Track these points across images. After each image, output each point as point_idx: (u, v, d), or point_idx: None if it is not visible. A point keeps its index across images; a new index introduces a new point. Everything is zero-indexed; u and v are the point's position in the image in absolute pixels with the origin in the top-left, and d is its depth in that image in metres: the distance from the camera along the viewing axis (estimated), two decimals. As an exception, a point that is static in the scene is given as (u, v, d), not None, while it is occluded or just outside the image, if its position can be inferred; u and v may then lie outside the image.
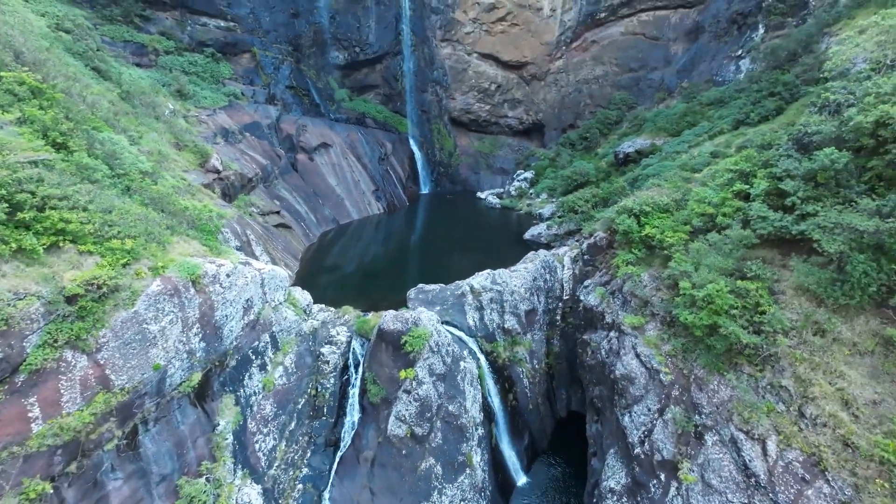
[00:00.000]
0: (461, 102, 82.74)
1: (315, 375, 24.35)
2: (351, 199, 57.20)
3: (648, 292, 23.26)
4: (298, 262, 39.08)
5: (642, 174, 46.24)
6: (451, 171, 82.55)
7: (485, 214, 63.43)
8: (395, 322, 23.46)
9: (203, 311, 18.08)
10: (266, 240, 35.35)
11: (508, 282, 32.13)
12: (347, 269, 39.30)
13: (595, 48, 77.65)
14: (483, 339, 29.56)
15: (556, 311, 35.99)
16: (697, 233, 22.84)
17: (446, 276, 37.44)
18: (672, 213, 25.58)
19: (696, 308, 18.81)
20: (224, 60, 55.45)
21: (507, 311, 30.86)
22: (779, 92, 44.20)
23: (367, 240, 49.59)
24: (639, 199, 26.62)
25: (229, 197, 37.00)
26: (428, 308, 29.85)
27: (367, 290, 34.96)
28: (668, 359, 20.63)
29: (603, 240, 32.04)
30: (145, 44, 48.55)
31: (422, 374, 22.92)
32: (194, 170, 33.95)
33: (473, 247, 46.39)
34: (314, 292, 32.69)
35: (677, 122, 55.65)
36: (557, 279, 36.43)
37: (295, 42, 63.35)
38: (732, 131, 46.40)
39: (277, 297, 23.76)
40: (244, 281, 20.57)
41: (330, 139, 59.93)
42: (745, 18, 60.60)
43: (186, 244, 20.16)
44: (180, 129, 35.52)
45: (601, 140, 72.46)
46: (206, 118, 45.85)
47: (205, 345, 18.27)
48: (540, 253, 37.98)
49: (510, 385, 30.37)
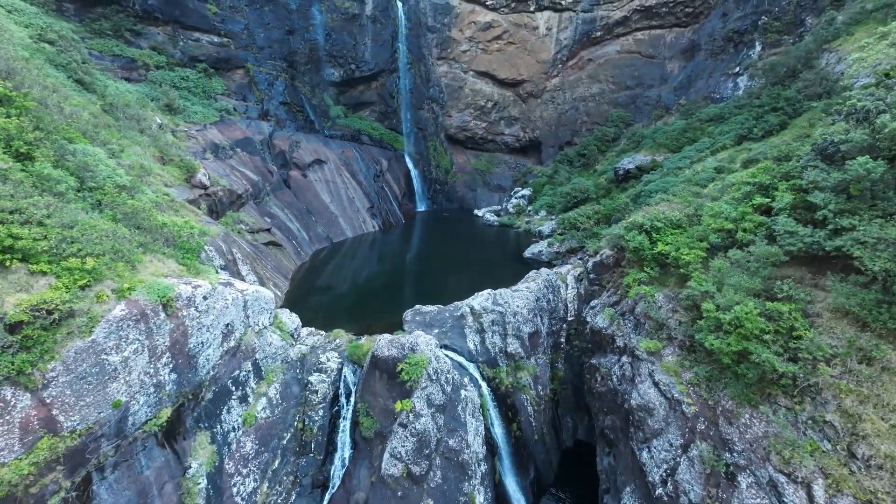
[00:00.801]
0: (457, 120, 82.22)
1: (302, 407, 22.23)
2: (345, 217, 55.58)
3: (664, 314, 21.52)
4: (289, 282, 37.13)
5: (645, 190, 45.12)
6: (447, 189, 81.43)
7: (482, 232, 61.93)
8: (390, 348, 21.52)
9: (175, 339, 16.11)
10: (254, 258, 33.48)
11: (510, 302, 30.37)
12: (340, 289, 37.37)
13: (591, 66, 77.68)
14: (485, 364, 27.56)
15: (560, 332, 34.14)
16: (715, 250, 21.27)
17: (444, 296, 35.63)
18: (685, 228, 24.07)
19: (721, 332, 17.08)
20: (217, 76, 54.38)
21: (510, 334, 28.97)
22: (781, 107, 43.52)
23: (362, 258, 47.81)
24: (649, 214, 25.12)
25: (216, 213, 35.25)
26: (425, 331, 27.94)
27: (361, 312, 33.02)
28: (691, 388, 18.77)
29: (610, 258, 30.45)
30: (135, 58, 47.40)
31: (419, 405, 20.88)
32: (179, 185, 32.27)
33: (471, 265, 44.67)
34: (304, 314, 30.74)
35: (677, 139, 54.95)
36: (561, 299, 34.73)
37: (290, 58, 62.64)
38: (735, 146, 45.57)
39: (262, 321, 21.81)
40: (224, 303, 18.66)
41: (324, 155, 58.65)
42: (742, 36, 60.65)
43: (161, 263, 18.30)
44: (166, 143, 33.96)
45: (599, 157, 71.78)
46: (196, 133, 44.41)
47: (176, 376, 16.25)
48: (542, 272, 36.31)
49: (514, 414, 28.24)
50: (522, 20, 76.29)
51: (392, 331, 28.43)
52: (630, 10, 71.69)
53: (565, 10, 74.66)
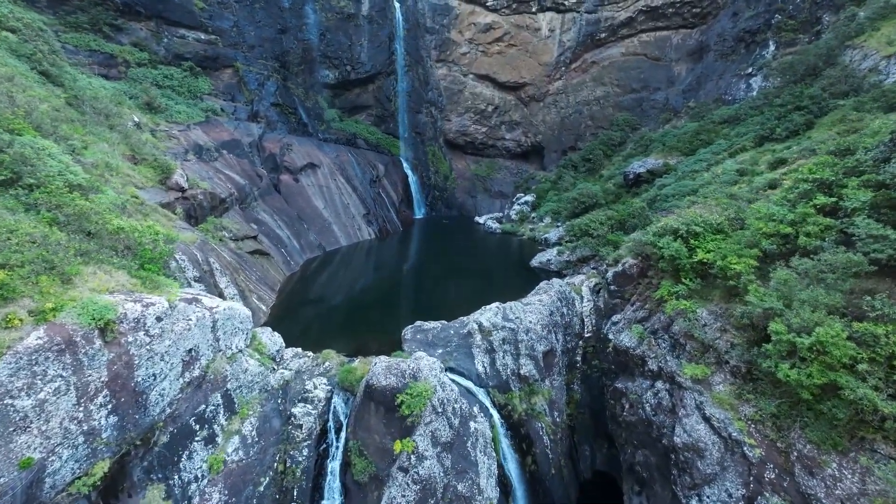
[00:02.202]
0: (457, 124, 79.43)
1: (283, 445, 18.74)
2: (339, 224, 52.30)
3: (710, 334, 18.27)
4: (276, 294, 33.71)
5: (661, 194, 42.19)
6: (446, 195, 78.37)
7: (484, 240, 58.74)
8: (388, 375, 18.13)
9: (116, 372, 12.73)
10: (236, 269, 30.10)
11: (522, 317, 27.12)
12: (333, 301, 33.98)
13: (595, 69, 75.24)
14: (495, 389, 24.18)
15: (576, 350, 30.86)
16: (770, 258, 18.12)
17: (446, 309, 32.34)
18: (727, 233, 20.94)
19: (798, 360, 13.85)
20: (203, 75, 51.31)
21: (523, 354, 25.67)
22: (805, 106, 40.87)
23: (357, 268, 44.45)
24: (684, 217, 21.98)
25: (195, 219, 31.91)
26: (428, 351, 24.58)
27: (355, 328, 29.62)
28: (753, 426, 15.47)
29: (633, 267, 27.24)
30: (114, 54, 44.27)
31: (423, 444, 17.47)
32: (152, 187, 28.96)
33: (474, 276, 41.42)
34: (291, 330, 27.36)
35: (690, 141, 52.25)
36: (576, 313, 31.52)
37: (282, 58, 59.70)
38: (756, 148, 42.81)
39: (236, 343, 18.40)
40: (185, 325, 15.28)
41: (318, 159, 55.51)
42: (753, 36, 58.29)
43: (107, 276, 14.94)
44: (139, 142, 30.70)
45: (605, 162, 69.01)
46: (178, 133, 41.19)
47: (117, 419, 12.83)
48: (554, 282, 33.13)
49: (528, 446, 24.79)
50: (524, 21, 73.93)
51: (390, 350, 25.08)
52: (635, 10, 69.44)
53: (568, 11, 72.37)
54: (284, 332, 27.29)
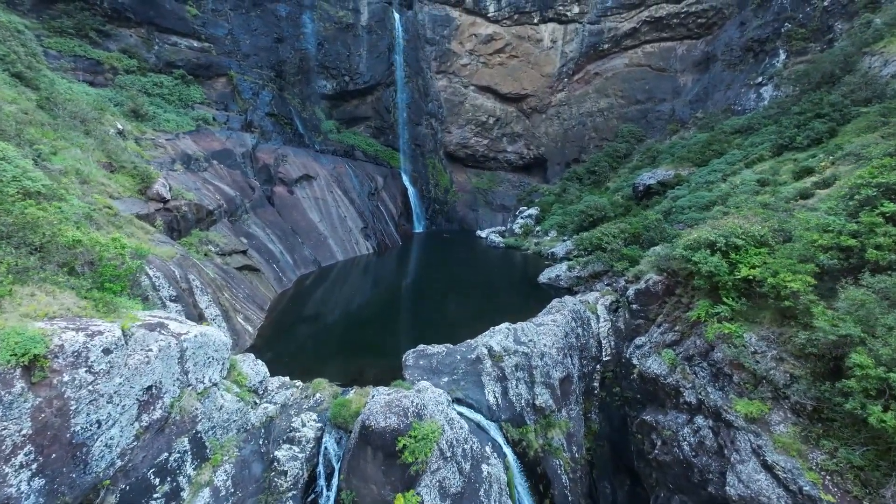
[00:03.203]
0: (458, 136, 77.68)
1: (265, 495, 15.92)
2: (336, 238, 49.82)
3: (764, 364, 15.68)
4: (265, 314, 31.02)
5: (676, 206, 39.96)
6: (447, 209, 76.19)
7: (487, 255, 56.27)
8: (388, 415, 15.42)
9: (44, 421, 10.07)
10: (221, 287, 27.48)
11: (536, 340, 24.48)
12: (327, 320, 31.33)
13: (598, 80, 73.87)
14: (509, 422, 21.36)
15: (593, 375, 28.18)
16: (830, 275, 15.66)
17: (450, 329, 29.69)
18: (771, 246, 18.52)
19: (891, 399, 11.28)
20: (195, 84, 49.36)
21: (538, 382, 22.95)
22: (826, 113, 38.96)
23: (354, 284, 41.84)
24: (722, 228, 19.55)
25: (178, 232, 29.41)
26: (432, 379, 21.83)
27: (351, 351, 26.90)
28: (828, 477, 12.80)
29: (658, 284, 24.75)
30: (101, 61, 42.28)
31: (429, 498, 14.70)
32: (130, 197, 26.52)
33: (478, 293, 38.84)
34: (279, 355, 24.68)
35: (702, 152, 50.34)
36: (592, 334, 28.89)
37: (278, 68, 57.97)
38: (775, 157, 40.82)
39: (210, 375, 15.71)
40: (143, 357, 12.65)
41: (314, 171, 53.27)
42: (762, 45, 56.90)
43: (48, 298, 12.37)
44: (117, 148, 28.35)
45: (610, 174, 67.08)
46: (165, 142, 38.93)
47: (44, 483, 10.12)
48: (566, 301, 30.57)
49: (546, 487, 21.87)
50: (526, 32, 72.76)
51: (389, 378, 22.37)
52: (639, 21, 68.32)
53: (571, 22, 71.24)
54: (272, 356, 24.60)
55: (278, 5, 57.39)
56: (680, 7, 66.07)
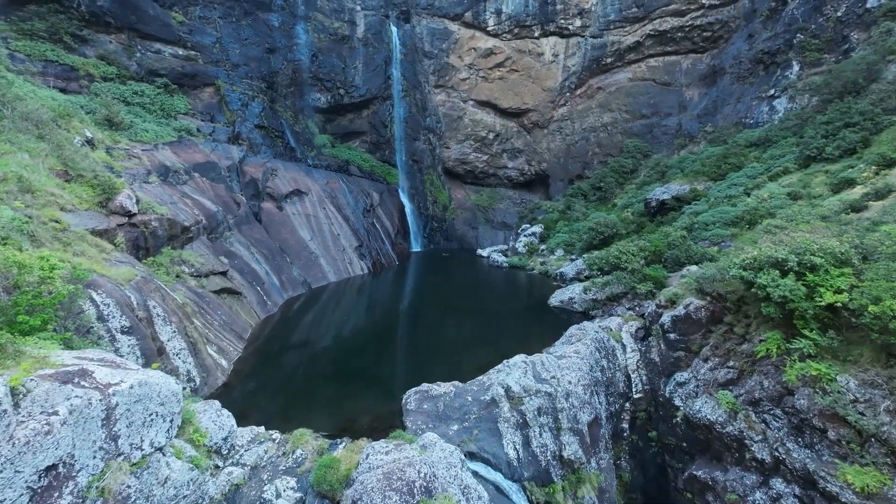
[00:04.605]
0: (456, 152, 75.03)
1: None
2: (328, 257, 46.23)
3: (871, 417, 12.14)
4: (244, 344, 27.18)
5: (698, 222, 36.90)
6: (445, 226, 72.95)
7: (490, 275, 52.76)
8: (387, 492, 11.57)
9: None
10: (192, 314, 23.71)
11: (559, 376, 20.86)
12: (315, 351, 27.53)
13: (601, 95, 71.82)
14: (532, 481, 17.51)
15: (622, 415, 24.50)
16: (951, 302, 12.29)
17: (455, 360, 26.09)
18: (855, 265, 15.18)
19: None
20: (180, 93, 46.41)
21: (565, 428, 19.21)
22: (856, 122, 36.40)
23: (346, 308, 38.04)
24: (793, 244, 16.18)
25: (145, 250, 25.76)
26: (439, 428, 18.06)
27: (341, 389, 23.03)
28: None
29: (701, 310, 21.27)
30: (76, 67, 39.23)
31: None
32: (88, 210, 22.96)
33: (484, 317, 35.21)
34: (255, 396, 20.88)
35: (717, 166, 47.67)
36: (619, 366, 25.34)
37: (269, 79, 55.27)
38: (802, 169, 38.07)
39: (151, 438, 11.91)
40: (42, 424, 8.95)
41: (305, 186, 49.98)
42: (773, 57, 54.93)
43: None
44: (76, 155, 24.89)
45: (617, 190, 64.30)
46: (141, 153, 35.61)
47: None
48: (586, 327, 27.14)
49: (578, 561, 17.98)
50: (526, 46, 70.90)
51: (386, 424, 18.71)
52: (643, 35, 66.64)
53: (573, 36, 69.50)
54: (247, 397, 20.78)
55: (271, 15, 55.07)
56: (684, 21, 64.48)
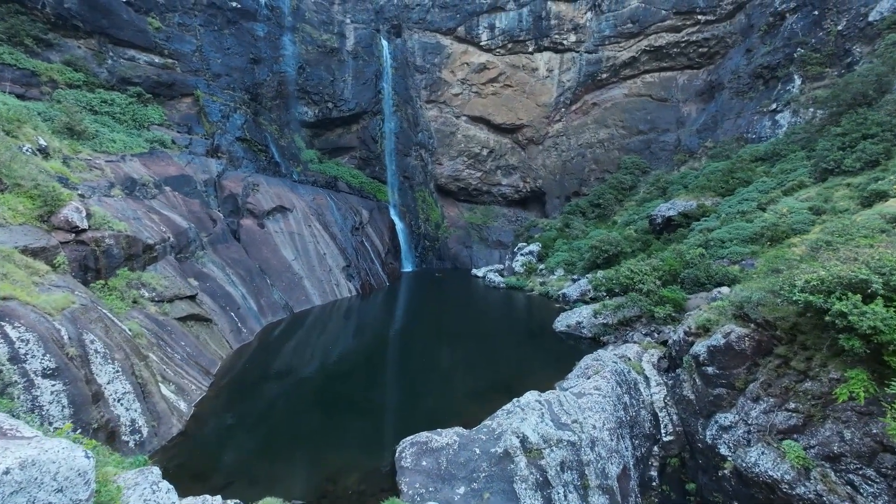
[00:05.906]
0: (449, 168, 72.66)
1: None
2: (313, 279, 42.73)
3: None
4: (210, 381, 23.45)
5: (712, 239, 34.34)
6: (438, 245, 69.95)
7: (487, 297, 49.60)
8: None
9: None
10: (144, 347, 20.08)
11: (581, 420, 17.56)
12: (292, 388, 23.89)
13: (597, 111, 70.38)
14: (558, 560, 14.09)
15: (650, 461, 21.02)
16: None
17: (454, 397, 22.75)
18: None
19: None
20: (154, 103, 43.33)
21: (593, 486, 15.77)
22: (875, 133, 34.50)
23: (332, 334, 34.44)
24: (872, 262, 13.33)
25: (96, 272, 22.20)
26: (443, 490, 14.54)
27: (322, 439, 19.39)
28: None
29: (744, 340, 18.22)
30: (38, 72, 36.04)
31: None
32: (23, 224, 19.51)
33: (484, 345, 31.89)
34: (216, 450, 17.17)
35: (724, 181, 45.68)
36: (643, 403, 22.09)
37: (253, 90, 52.55)
38: (819, 183, 35.96)
39: (40, 541, 8.30)
40: None
41: (290, 202, 46.75)
42: (773, 72, 53.83)
43: None
44: (13, 161, 21.44)
45: (616, 207, 62.10)
46: (105, 164, 32.26)
47: None
48: (602, 357, 24.07)
49: None
50: (520, 61, 69.52)
51: (376, 487, 15.34)
52: (638, 51, 65.63)
53: (567, 51, 68.33)
54: (204, 453, 17.06)
55: (256, 24, 52.71)
56: (680, 36, 63.62)
